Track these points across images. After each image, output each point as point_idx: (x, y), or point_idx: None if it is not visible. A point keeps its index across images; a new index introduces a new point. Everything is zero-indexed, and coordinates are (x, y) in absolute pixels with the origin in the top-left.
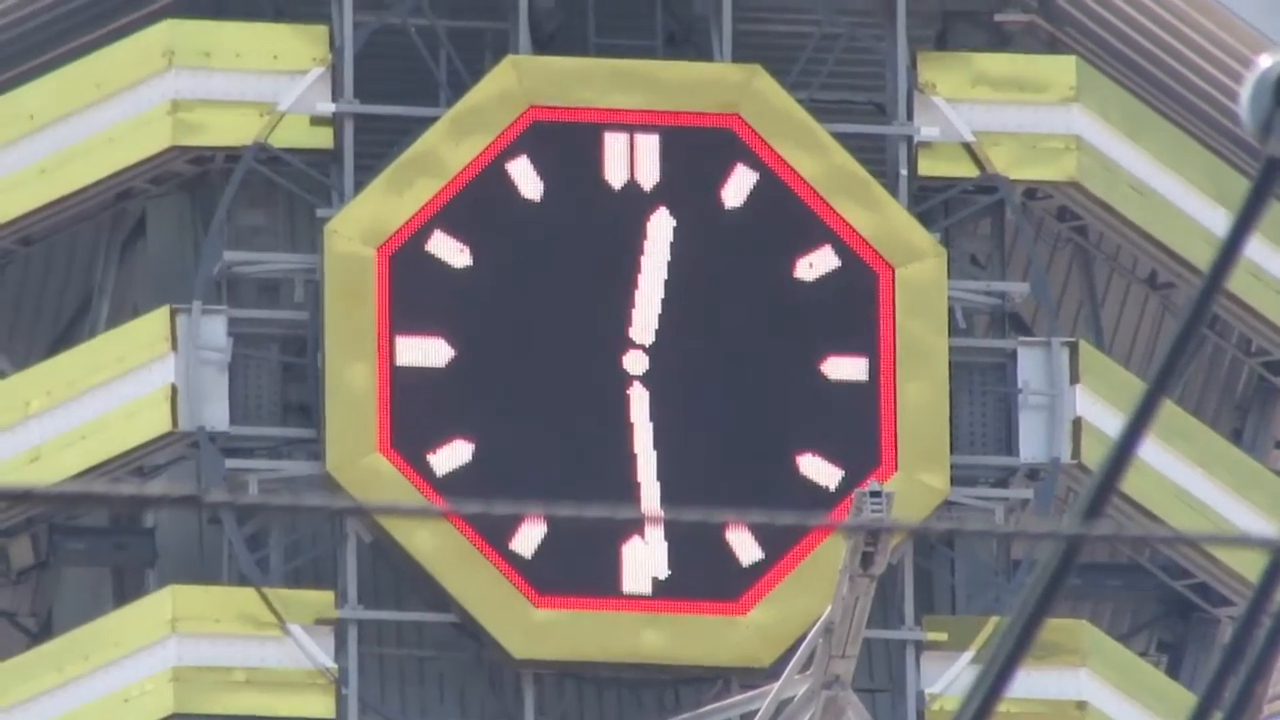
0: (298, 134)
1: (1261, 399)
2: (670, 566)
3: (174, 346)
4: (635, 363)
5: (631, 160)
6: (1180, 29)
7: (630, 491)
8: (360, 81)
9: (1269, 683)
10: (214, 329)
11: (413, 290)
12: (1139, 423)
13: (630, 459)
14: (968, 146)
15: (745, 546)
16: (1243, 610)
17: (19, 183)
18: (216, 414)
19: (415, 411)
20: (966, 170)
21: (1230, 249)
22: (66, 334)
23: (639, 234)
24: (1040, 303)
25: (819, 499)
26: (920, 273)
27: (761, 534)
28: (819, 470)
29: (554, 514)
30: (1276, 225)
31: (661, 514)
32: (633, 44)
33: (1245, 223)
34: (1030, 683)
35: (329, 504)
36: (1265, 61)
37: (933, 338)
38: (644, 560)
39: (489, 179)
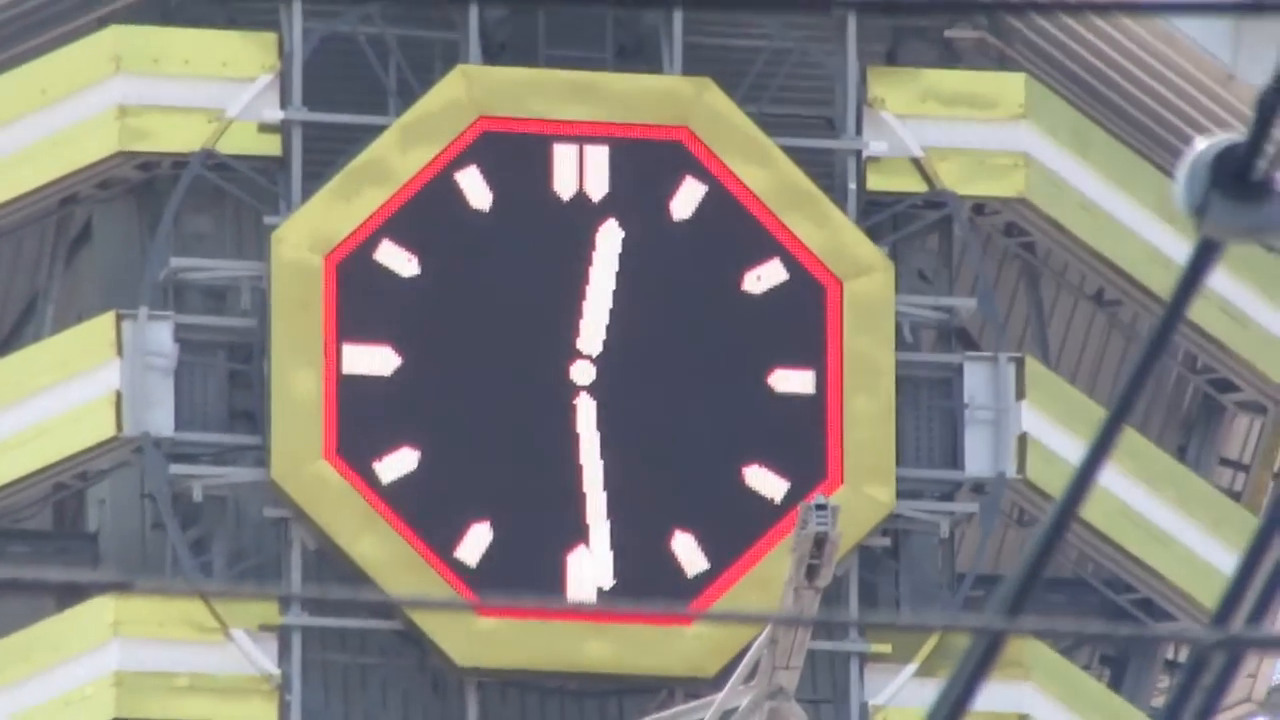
0: (246, 141)
1: (1206, 416)
2: (615, 576)
3: (119, 352)
4: (582, 373)
5: (581, 171)
6: (1128, 47)
7: (576, 501)
8: (309, 89)
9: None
10: (160, 335)
11: (360, 298)
12: (1072, 499)
13: (576, 469)
14: (916, 162)
15: (691, 557)
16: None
17: None
18: (161, 420)
19: (362, 419)
20: (915, 185)
21: (1166, 328)
22: (11, 338)
23: (588, 245)
24: (987, 318)
25: (765, 511)
26: (868, 287)
27: (707, 544)
28: (765, 482)
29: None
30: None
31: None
32: (583, 55)
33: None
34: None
35: (356, 596)
36: (1200, 143)
37: (880, 352)
38: (589, 569)
39: (438, 188)
